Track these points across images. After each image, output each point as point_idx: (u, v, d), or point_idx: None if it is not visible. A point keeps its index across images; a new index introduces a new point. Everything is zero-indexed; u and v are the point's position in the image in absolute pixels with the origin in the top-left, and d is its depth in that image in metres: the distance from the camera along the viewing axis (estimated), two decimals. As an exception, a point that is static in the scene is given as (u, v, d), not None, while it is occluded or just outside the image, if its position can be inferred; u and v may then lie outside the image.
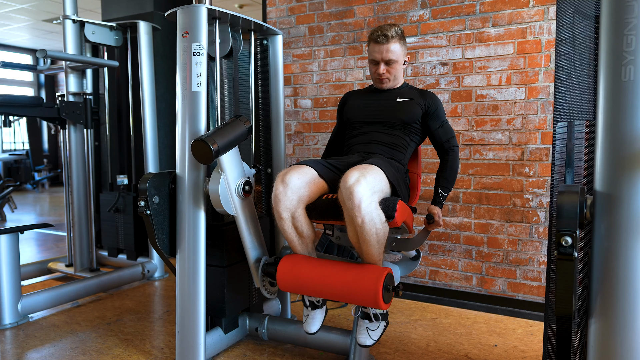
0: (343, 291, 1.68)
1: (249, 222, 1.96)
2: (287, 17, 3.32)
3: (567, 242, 1.00)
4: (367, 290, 1.62)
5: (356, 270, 1.68)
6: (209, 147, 1.71)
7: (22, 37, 9.09)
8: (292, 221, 1.76)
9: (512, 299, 2.70)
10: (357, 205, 1.57)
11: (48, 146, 10.41)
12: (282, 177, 1.75)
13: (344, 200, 1.61)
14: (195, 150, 1.75)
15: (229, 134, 1.81)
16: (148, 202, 1.83)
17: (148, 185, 1.83)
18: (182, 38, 1.88)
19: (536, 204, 2.62)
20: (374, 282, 1.62)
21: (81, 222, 3.17)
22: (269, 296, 2.06)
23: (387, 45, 1.98)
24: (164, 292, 3.04)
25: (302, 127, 3.31)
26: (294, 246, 1.84)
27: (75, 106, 3.02)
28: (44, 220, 5.85)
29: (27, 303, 2.52)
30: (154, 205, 1.85)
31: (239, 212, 1.90)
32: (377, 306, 1.64)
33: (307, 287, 1.76)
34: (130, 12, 4.08)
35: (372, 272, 1.65)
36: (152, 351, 2.16)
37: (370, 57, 2.05)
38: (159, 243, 1.88)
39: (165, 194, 1.91)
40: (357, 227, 1.61)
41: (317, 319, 1.89)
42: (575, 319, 1.30)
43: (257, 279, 1.99)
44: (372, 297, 1.62)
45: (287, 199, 1.72)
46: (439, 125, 2.07)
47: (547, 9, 2.54)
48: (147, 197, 1.82)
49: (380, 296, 1.61)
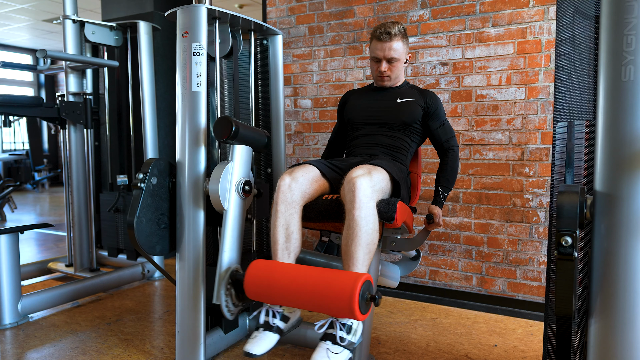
0: (314, 297, 1.48)
1: (237, 223, 1.87)
2: (287, 17, 3.32)
3: (567, 242, 1.00)
4: (341, 297, 1.43)
5: (332, 275, 1.51)
6: (231, 124, 1.73)
7: (22, 37, 9.09)
8: (286, 218, 1.70)
9: (512, 299, 2.70)
10: (357, 195, 1.57)
11: (48, 146, 10.41)
12: (289, 172, 1.75)
13: (345, 193, 1.61)
14: (218, 123, 1.76)
15: (249, 129, 1.85)
16: (146, 178, 1.82)
17: (152, 165, 1.84)
18: (182, 38, 1.88)
19: (536, 204, 2.62)
20: (350, 288, 1.42)
21: (81, 222, 3.17)
22: (228, 315, 1.74)
23: (389, 43, 1.97)
24: (164, 292, 3.03)
25: (302, 127, 3.31)
26: (276, 249, 1.71)
27: (75, 106, 3.02)
28: (44, 220, 5.85)
29: (27, 303, 2.52)
30: (149, 184, 1.84)
31: (230, 208, 1.83)
32: (352, 316, 1.44)
33: (277, 294, 1.55)
34: (130, 12, 4.08)
35: (349, 277, 1.48)
36: (152, 351, 2.16)
37: (372, 54, 2.05)
38: (136, 222, 1.80)
39: (164, 182, 1.90)
40: (351, 221, 1.58)
41: (266, 341, 1.60)
42: (575, 319, 1.30)
43: (219, 290, 1.71)
44: (346, 305, 1.42)
45: (290, 192, 1.71)
46: (439, 125, 2.07)
47: (547, 9, 2.54)
48: (147, 173, 1.83)
49: (356, 304, 1.41)
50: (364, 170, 1.66)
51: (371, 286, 1.50)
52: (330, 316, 1.55)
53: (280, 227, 1.70)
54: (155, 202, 1.88)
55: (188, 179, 1.88)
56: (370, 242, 1.59)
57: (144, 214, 1.84)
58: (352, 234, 1.58)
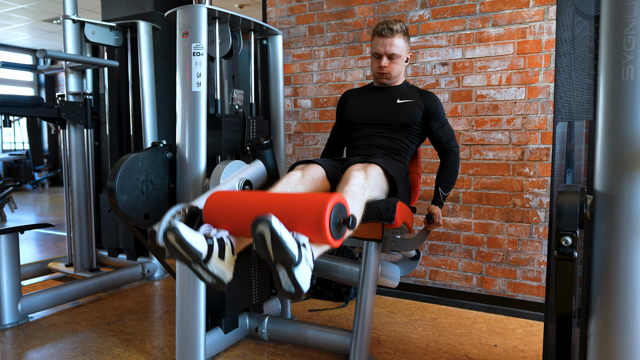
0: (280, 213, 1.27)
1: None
2: (287, 17, 3.32)
3: (567, 242, 1.00)
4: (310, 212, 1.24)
5: (301, 196, 1.35)
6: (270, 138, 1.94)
7: (22, 37, 9.09)
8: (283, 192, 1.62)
9: (512, 299, 2.70)
10: (349, 180, 1.57)
11: (48, 146, 10.41)
12: (302, 169, 1.76)
13: (340, 183, 1.62)
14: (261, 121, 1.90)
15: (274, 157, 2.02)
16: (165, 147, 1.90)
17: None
18: (182, 38, 1.88)
19: (536, 204, 2.62)
20: (319, 205, 1.24)
21: (81, 222, 3.16)
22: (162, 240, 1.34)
23: (391, 39, 1.97)
24: (164, 292, 3.03)
25: (302, 127, 3.31)
26: None
27: (75, 106, 3.02)
28: (44, 220, 5.85)
29: (27, 303, 2.51)
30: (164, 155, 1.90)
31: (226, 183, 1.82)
32: (323, 239, 1.26)
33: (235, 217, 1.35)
34: (130, 12, 4.08)
35: (319, 196, 1.29)
36: (152, 351, 2.16)
37: (373, 50, 2.04)
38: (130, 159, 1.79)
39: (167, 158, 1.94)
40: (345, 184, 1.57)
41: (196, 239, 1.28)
42: (575, 319, 1.30)
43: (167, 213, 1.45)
44: (315, 222, 1.23)
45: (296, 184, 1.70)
46: (439, 126, 2.07)
47: (547, 9, 2.54)
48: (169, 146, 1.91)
49: (326, 224, 1.23)
50: (360, 166, 1.69)
51: (345, 209, 1.32)
52: None
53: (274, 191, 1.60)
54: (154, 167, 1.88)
55: (189, 179, 1.88)
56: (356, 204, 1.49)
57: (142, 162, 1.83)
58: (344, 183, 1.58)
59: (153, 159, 1.85)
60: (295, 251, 1.20)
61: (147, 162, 1.83)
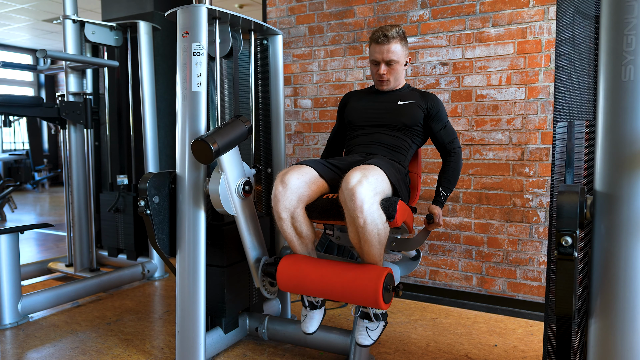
0: (343, 291, 1.67)
1: (249, 222, 1.96)
2: (287, 17, 3.32)
3: (567, 242, 1.00)
4: (367, 290, 1.62)
5: (356, 270, 1.68)
6: (209, 146, 1.71)
7: (22, 37, 9.09)
8: (291, 221, 1.76)
9: (512, 299, 2.70)
10: (360, 206, 1.56)
11: (48, 146, 10.41)
12: (281, 177, 1.74)
13: (346, 202, 1.60)
14: (196, 149, 1.74)
15: (229, 134, 1.81)
16: (148, 201, 1.83)
17: (148, 185, 1.83)
18: (182, 38, 1.88)
19: (536, 204, 2.62)
20: (374, 282, 1.61)
21: (81, 222, 3.16)
22: (269, 296, 2.06)
23: (388, 46, 1.97)
24: (164, 292, 3.04)
25: (302, 127, 3.31)
26: (294, 246, 1.83)
27: (75, 106, 3.02)
28: (44, 220, 5.85)
29: (27, 303, 2.51)
30: (154, 205, 1.85)
31: (239, 212, 1.90)
32: (377, 306, 1.63)
33: (306, 287, 1.76)
34: (130, 12, 4.08)
35: (372, 271, 1.65)
36: (152, 351, 2.16)
37: (371, 57, 2.05)
38: (159, 243, 1.88)
39: (166, 193, 1.91)
40: (358, 227, 1.61)
41: (315, 319, 1.87)
42: (575, 319, 1.30)
43: (257, 279, 1.99)
44: (372, 297, 1.61)
45: (286, 199, 1.71)
46: (441, 127, 2.06)
47: (547, 9, 2.54)
48: (147, 196, 1.82)
49: (381, 296, 1.60)
50: (361, 174, 1.61)
51: (392, 278, 1.68)
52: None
53: (288, 230, 1.79)
54: (164, 216, 1.92)
55: (188, 179, 1.88)
56: (382, 240, 1.67)
57: (161, 232, 1.90)
58: (362, 238, 1.64)
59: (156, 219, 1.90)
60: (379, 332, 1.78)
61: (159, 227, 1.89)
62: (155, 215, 1.86)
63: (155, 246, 1.89)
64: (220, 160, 1.82)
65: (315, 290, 1.75)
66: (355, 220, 1.60)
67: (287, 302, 2.49)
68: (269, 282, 2.02)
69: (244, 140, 1.90)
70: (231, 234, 2.06)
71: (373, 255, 1.68)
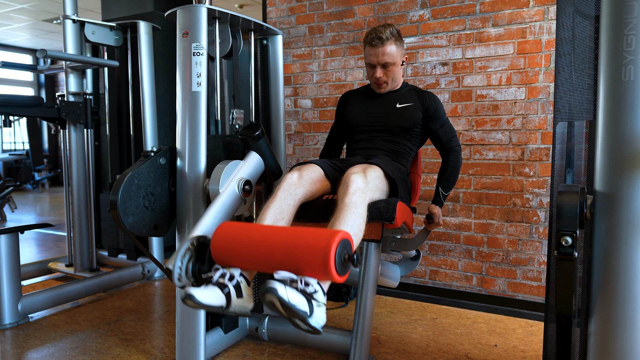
0: (285, 252, 1.32)
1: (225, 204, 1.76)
2: (287, 17, 3.32)
3: (567, 242, 1.00)
4: (314, 253, 1.27)
5: (305, 231, 1.36)
6: (260, 128, 1.90)
7: (22, 37, 9.09)
8: (281, 204, 1.64)
9: (512, 299, 2.70)
10: (350, 186, 1.56)
11: (48, 146, 10.41)
12: (298, 170, 1.75)
13: (340, 188, 1.61)
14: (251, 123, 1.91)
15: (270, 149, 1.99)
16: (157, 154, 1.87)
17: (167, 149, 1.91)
18: (182, 38, 1.88)
19: (536, 204, 2.62)
20: (324, 249, 1.26)
21: (81, 222, 3.16)
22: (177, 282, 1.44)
23: (382, 48, 1.93)
24: (164, 292, 3.04)
25: (302, 127, 3.31)
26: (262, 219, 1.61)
27: (75, 106, 3.02)
28: (44, 220, 5.85)
29: (27, 303, 2.52)
30: (158, 163, 1.88)
31: (224, 193, 1.78)
32: (328, 276, 1.28)
33: (243, 251, 1.39)
34: (130, 12, 4.08)
35: (323, 233, 1.31)
36: (152, 351, 2.16)
37: (366, 60, 2.02)
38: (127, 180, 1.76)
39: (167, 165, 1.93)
40: (339, 206, 1.54)
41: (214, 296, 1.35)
42: (575, 319, 1.30)
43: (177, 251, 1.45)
44: (320, 263, 1.26)
45: (295, 187, 1.69)
46: (440, 126, 2.07)
47: (547, 8, 2.54)
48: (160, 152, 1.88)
49: (332, 267, 1.25)
50: (359, 168, 1.68)
51: (349, 245, 1.33)
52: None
53: (272, 209, 1.61)
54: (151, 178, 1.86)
55: (188, 179, 1.88)
56: (356, 226, 1.49)
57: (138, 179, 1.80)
58: (338, 215, 1.50)
59: (148, 171, 1.83)
60: (306, 308, 1.25)
61: (143, 177, 1.81)
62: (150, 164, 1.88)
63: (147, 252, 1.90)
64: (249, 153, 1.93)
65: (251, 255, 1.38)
66: (341, 200, 1.55)
67: (287, 302, 2.49)
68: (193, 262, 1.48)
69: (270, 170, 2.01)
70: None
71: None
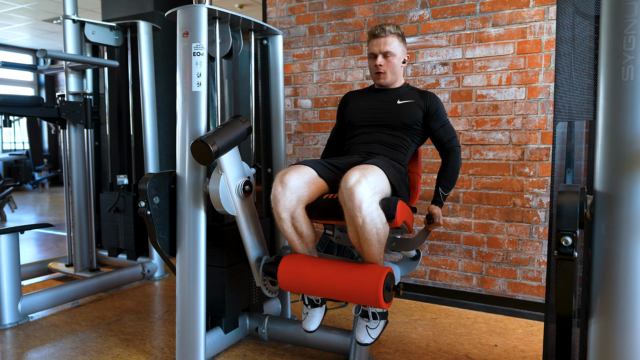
0: (344, 290, 1.68)
1: (250, 222, 1.96)
2: (287, 17, 3.32)
3: (567, 242, 1.00)
4: (368, 290, 1.63)
5: (357, 270, 1.69)
6: (208, 147, 1.70)
7: (22, 37, 9.09)
8: (291, 221, 1.76)
9: (512, 299, 2.70)
10: (358, 206, 1.56)
11: (48, 146, 10.41)
12: (280, 178, 1.74)
13: (345, 201, 1.61)
14: (195, 150, 1.74)
15: (228, 135, 1.80)
16: (148, 202, 1.82)
17: (148, 185, 1.83)
18: (182, 38, 1.88)
19: (536, 204, 2.62)
20: (375, 281, 1.62)
21: (81, 222, 3.16)
22: (270, 295, 2.07)
23: (385, 39, 2.02)
24: (164, 292, 3.04)
25: (302, 127, 3.31)
26: (294, 245, 1.84)
27: (75, 106, 3.02)
28: (44, 220, 5.85)
29: (27, 303, 2.52)
30: (154, 206, 1.85)
31: (239, 212, 1.90)
32: (377, 305, 1.64)
33: (307, 286, 1.77)
34: (130, 12, 4.08)
35: (372, 271, 1.66)
36: (152, 351, 2.16)
37: (369, 51, 2.09)
38: (159, 243, 1.88)
39: (166, 194, 1.91)
40: (357, 227, 1.61)
41: (316, 317, 1.88)
42: (575, 319, 1.30)
43: (258, 278, 2.00)
44: (372, 296, 1.62)
45: (286, 199, 1.72)
46: (440, 126, 2.07)
47: (547, 9, 2.54)
48: (147, 197, 1.82)
49: (381, 295, 1.61)
50: (359, 173, 1.62)
51: (393, 277, 1.69)
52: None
53: (289, 230, 1.79)
54: (164, 216, 1.91)
55: (188, 179, 1.88)
56: (382, 239, 1.66)
57: (162, 232, 1.90)
58: (362, 238, 1.64)
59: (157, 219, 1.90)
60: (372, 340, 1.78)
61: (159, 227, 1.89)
62: (155, 215, 1.86)
63: (157, 247, 1.90)
64: (220, 161, 1.82)
65: (315, 290, 1.76)
66: (354, 219, 1.60)
67: (287, 302, 2.49)
68: (269, 281, 2.03)
69: (243, 140, 1.89)
70: (231, 234, 2.06)
71: (373, 255, 1.68)
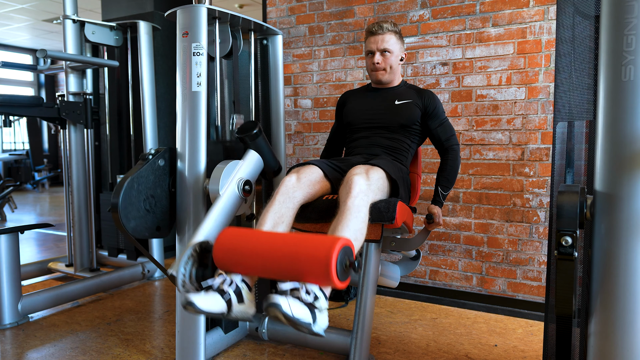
0: (287, 260, 1.34)
1: (226, 208, 1.77)
2: (287, 17, 3.32)
3: (567, 242, 1.00)
4: (317, 260, 1.29)
5: (307, 238, 1.38)
6: (257, 125, 1.86)
7: (22, 37, 9.09)
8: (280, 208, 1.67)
9: (512, 299, 2.70)
10: (352, 189, 1.59)
11: (48, 146, 10.41)
12: (297, 172, 1.77)
13: (342, 190, 1.63)
14: (248, 122, 1.90)
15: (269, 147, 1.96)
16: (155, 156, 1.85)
17: (165, 150, 1.89)
18: (182, 38, 1.88)
19: (536, 204, 2.62)
20: (326, 251, 1.29)
21: (81, 222, 3.16)
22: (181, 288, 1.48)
23: (382, 36, 2.02)
24: (164, 292, 3.04)
25: (302, 127, 3.31)
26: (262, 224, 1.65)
27: (75, 106, 3.02)
28: (44, 220, 5.85)
29: (27, 303, 2.51)
30: (157, 165, 1.86)
31: (224, 195, 1.78)
32: (329, 282, 1.30)
33: (245, 258, 1.41)
34: (130, 12, 4.08)
35: (325, 241, 1.34)
36: (152, 351, 2.16)
37: (366, 49, 2.09)
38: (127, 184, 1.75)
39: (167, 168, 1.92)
40: (341, 208, 1.56)
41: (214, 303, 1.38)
42: (575, 319, 1.30)
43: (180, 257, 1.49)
44: (322, 271, 1.28)
45: (294, 190, 1.71)
46: (439, 124, 2.07)
47: (547, 8, 2.54)
48: (158, 153, 1.86)
49: (334, 275, 1.28)
50: (362, 169, 1.69)
51: (351, 252, 1.36)
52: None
53: (271, 213, 1.63)
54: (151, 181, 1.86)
55: (188, 179, 1.88)
56: (358, 230, 1.51)
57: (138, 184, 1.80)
58: (340, 219, 1.52)
59: (147, 174, 1.83)
60: (309, 319, 1.29)
61: (143, 181, 1.81)
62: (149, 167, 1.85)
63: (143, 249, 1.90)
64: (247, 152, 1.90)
65: (255, 265, 1.41)
66: (343, 202, 1.57)
67: (287, 302, 2.49)
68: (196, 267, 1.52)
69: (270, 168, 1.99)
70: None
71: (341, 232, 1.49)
